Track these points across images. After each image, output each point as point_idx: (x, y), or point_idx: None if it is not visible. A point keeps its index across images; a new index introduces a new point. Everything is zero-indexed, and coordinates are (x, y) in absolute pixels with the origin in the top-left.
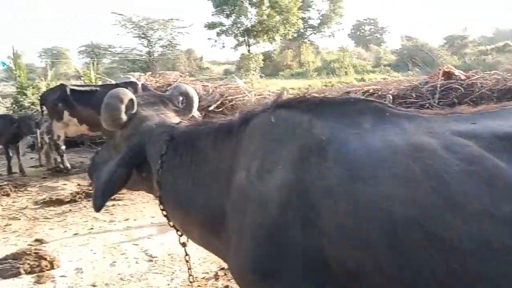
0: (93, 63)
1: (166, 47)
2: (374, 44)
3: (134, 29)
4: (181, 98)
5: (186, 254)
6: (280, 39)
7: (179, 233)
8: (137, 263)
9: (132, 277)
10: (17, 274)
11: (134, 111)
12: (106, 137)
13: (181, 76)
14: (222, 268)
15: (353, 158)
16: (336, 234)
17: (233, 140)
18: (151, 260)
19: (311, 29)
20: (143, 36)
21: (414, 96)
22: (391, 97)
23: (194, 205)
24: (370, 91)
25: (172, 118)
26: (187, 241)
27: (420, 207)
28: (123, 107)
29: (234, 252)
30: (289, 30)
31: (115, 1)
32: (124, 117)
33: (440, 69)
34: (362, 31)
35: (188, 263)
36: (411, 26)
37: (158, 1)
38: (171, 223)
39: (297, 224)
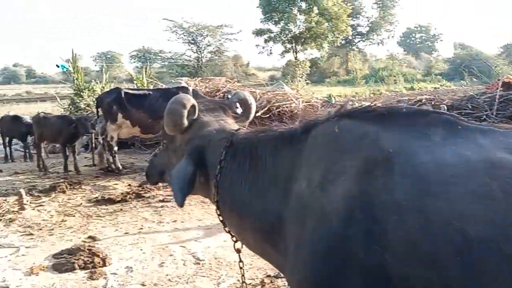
0: (145, 67)
1: (214, 53)
2: (424, 52)
3: (184, 35)
4: (239, 105)
5: (240, 261)
6: (328, 46)
7: (234, 239)
8: (185, 265)
9: (180, 279)
10: (72, 269)
11: (195, 116)
12: (166, 140)
13: (229, 81)
14: (268, 276)
15: (422, 172)
16: (402, 251)
17: (293, 148)
18: (198, 263)
19: (359, 36)
20: (192, 42)
21: (470, 107)
22: (445, 108)
23: (251, 212)
24: (423, 100)
25: (231, 124)
26: (242, 247)
27: (498, 226)
28: (185, 113)
29: (292, 264)
30: (337, 37)
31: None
32: (185, 122)
33: (499, 80)
34: (413, 38)
35: (242, 270)
36: (463, 33)
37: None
38: (227, 229)
39: (359, 238)
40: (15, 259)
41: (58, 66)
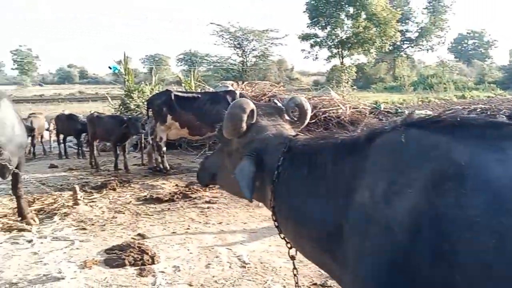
0: (193, 70)
1: (259, 57)
2: (477, 59)
3: (230, 39)
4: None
5: (294, 268)
6: (375, 52)
7: (289, 245)
8: (231, 267)
9: (226, 281)
10: (122, 265)
11: (253, 120)
12: (222, 144)
13: (275, 86)
14: (315, 284)
15: (497, 187)
16: (473, 270)
17: (355, 157)
18: (243, 266)
19: (408, 42)
20: (238, 46)
21: None
22: (504, 118)
23: (308, 220)
24: (477, 110)
25: (289, 130)
26: (296, 253)
27: None
28: (245, 117)
29: (352, 276)
30: (385, 42)
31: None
32: (244, 126)
33: None
34: (465, 45)
35: (296, 277)
36: None
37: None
38: (282, 235)
39: (425, 254)
40: (70, 252)
41: (110, 68)
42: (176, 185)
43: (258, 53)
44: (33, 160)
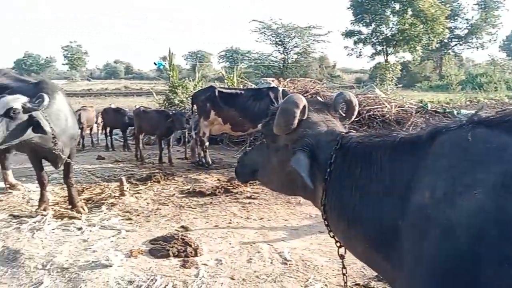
0: (236, 67)
1: (301, 54)
2: None
3: (272, 36)
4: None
5: (344, 267)
6: (421, 49)
7: (338, 244)
8: (272, 263)
9: (268, 277)
10: (166, 256)
11: (305, 116)
12: (267, 140)
13: (317, 83)
14: (357, 284)
15: None
16: None
17: (415, 155)
18: (285, 263)
19: (456, 40)
20: (280, 43)
21: None
22: None
23: (361, 219)
24: None
25: (339, 126)
26: (345, 253)
27: None
28: (298, 112)
29: (408, 278)
30: (432, 40)
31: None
32: (296, 122)
33: None
34: None
35: (345, 277)
36: None
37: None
38: (331, 234)
39: (492, 259)
40: (117, 241)
41: (155, 64)
42: (218, 179)
43: (300, 50)
44: (82, 152)
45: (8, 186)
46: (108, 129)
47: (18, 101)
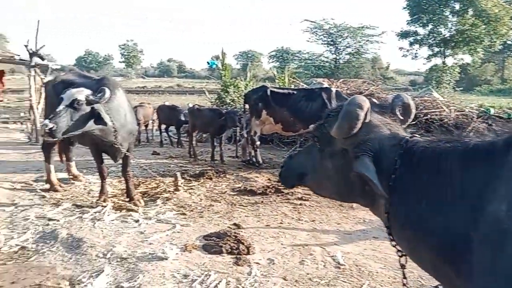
0: (287, 67)
1: (353, 54)
2: None
3: (324, 36)
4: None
5: (404, 277)
6: (482, 51)
7: (399, 253)
8: (325, 267)
9: (321, 280)
10: (219, 252)
11: (367, 120)
12: (321, 143)
13: (371, 84)
14: None
15: None
16: None
17: (490, 163)
18: (338, 267)
19: None
20: (331, 43)
21: None
22: None
23: (430, 229)
24: None
25: (401, 130)
26: (406, 262)
27: None
28: (363, 115)
29: None
30: (495, 41)
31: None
32: (360, 125)
33: None
34: None
35: (405, 287)
36: None
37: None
38: (393, 243)
39: None
40: (172, 235)
41: (208, 63)
42: (269, 179)
43: (352, 50)
44: (137, 147)
45: (71, 177)
46: (163, 126)
47: (82, 93)
